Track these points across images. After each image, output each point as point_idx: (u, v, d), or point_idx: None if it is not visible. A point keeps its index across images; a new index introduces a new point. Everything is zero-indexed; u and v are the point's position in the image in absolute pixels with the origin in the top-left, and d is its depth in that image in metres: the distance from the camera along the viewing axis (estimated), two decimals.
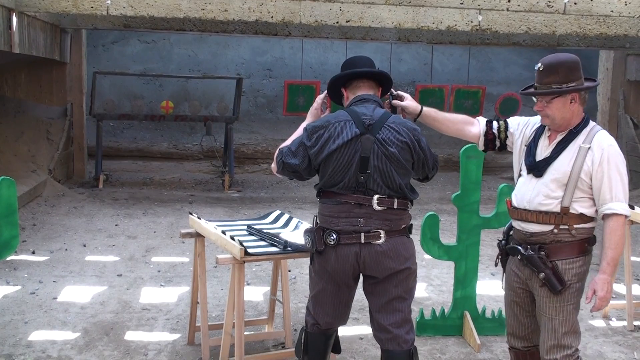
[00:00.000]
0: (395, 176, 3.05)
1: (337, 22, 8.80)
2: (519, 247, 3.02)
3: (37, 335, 4.34)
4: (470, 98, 11.49)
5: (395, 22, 8.92)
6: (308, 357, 3.33)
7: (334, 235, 3.05)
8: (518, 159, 3.15)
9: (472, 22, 9.05)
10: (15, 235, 3.68)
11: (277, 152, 3.21)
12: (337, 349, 3.47)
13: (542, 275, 2.92)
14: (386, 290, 3.12)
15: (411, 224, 3.24)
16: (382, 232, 3.05)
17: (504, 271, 3.22)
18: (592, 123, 2.99)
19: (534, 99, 2.99)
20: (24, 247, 6.44)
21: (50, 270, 5.81)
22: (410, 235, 3.21)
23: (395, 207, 3.07)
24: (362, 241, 3.04)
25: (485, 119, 3.34)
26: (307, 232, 3.20)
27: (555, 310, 2.95)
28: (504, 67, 14.62)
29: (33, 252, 6.34)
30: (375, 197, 3.04)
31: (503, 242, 3.19)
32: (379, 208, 3.04)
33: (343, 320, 3.32)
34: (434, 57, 12.54)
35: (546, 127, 3.05)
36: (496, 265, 3.30)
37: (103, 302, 5.03)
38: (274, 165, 3.23)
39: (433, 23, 9.03)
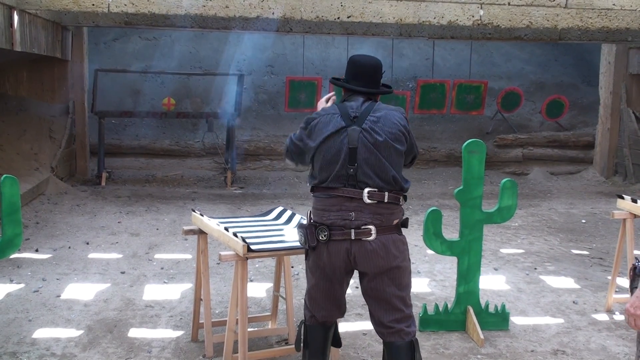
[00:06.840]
0: (386, 165, 3.08)
1: (339, 18, 8.80)
2: None
3: (41, 333, 4.35)
4: (472, 93, 11.47)
5: (396, 17, 8.92)
6: (308, 350, 3.35)
7: (326, 232, 3.08)
8: None
9: (473, 16, 9.05)
10: (18, 233, 3.69)
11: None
12: (337, 343, 3.48)
13: None
14: (381, 289, 3.13)
15: (407, 219, 3.25)
16: (372, 227, 3.05)
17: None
18: None
19: None
20: (27, 245, 6.46)
21: (53, 268, 5.82)
22: (405, 230, 3.22)
23: (385, 200, 3.08)
24: (353, 237, 3.06)
25: None
26: (299, 227, 3.21)
27: None
28: (505, 61, 14.57)
29: (36, 250, 6.35)
30: (366, 190, 3.06)
31: None
32: (369, 201, 3.06)
33: (339, 313, 3.35)
34: (435, 52, 12.52)
35: None
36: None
37: (106, 300, 5.04)
38: (283, 154, 3.43)
39: (434, 18, 9.03)
